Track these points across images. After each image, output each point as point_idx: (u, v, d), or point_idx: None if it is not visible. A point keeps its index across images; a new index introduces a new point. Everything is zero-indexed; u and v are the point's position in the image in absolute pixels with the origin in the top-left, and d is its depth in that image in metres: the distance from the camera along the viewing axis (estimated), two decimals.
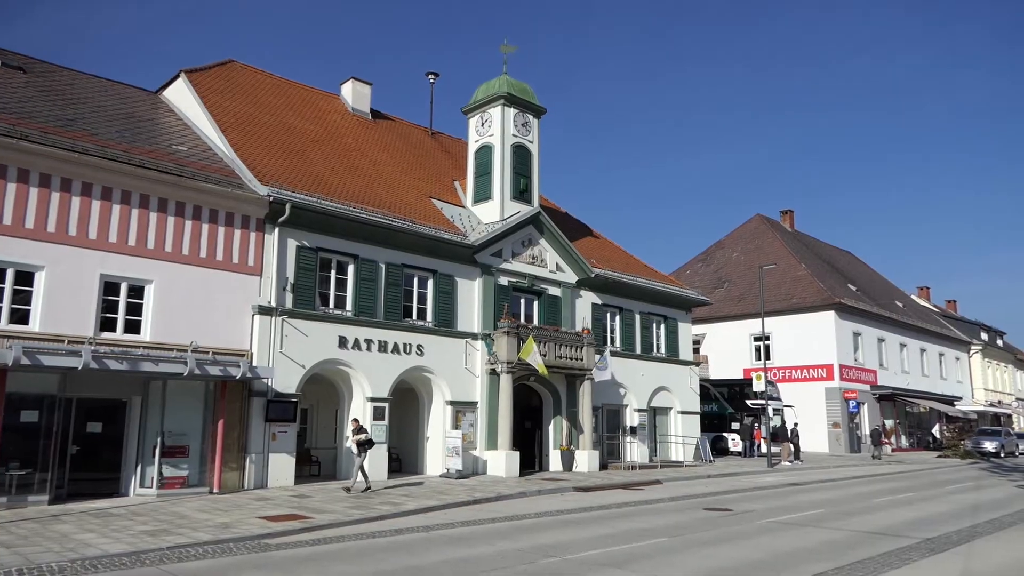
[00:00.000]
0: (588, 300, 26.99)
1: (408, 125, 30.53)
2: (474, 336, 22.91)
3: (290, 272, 18.80)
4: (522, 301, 24.84)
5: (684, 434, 30.05)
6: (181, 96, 22.23)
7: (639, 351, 28.93)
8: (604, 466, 25.43)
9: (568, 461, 24.12)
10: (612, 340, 27.99)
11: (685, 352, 31.34)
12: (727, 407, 36.64)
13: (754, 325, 40.76)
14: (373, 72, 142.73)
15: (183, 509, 13.91)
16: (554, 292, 25.60)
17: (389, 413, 20.54)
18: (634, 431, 27.81)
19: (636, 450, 27.51)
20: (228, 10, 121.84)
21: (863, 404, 43.02)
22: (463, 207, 25.40)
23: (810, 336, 42.40)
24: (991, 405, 61.00)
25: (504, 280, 24.05)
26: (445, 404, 21.93)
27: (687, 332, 31.87)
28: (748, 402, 35.46)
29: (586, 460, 24.19)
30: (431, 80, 31.55)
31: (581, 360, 24.27)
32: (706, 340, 45.77)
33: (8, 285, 14.59)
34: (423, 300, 22.11)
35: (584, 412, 24.52)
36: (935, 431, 50.86)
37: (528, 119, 25.72)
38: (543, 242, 25.50)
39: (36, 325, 14.75)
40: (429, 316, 22.08)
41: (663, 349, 30.22)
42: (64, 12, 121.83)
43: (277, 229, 18.64)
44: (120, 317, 15.98)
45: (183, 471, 16.50)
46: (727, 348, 45.16)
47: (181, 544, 10.48)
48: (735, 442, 35.69)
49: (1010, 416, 63.40)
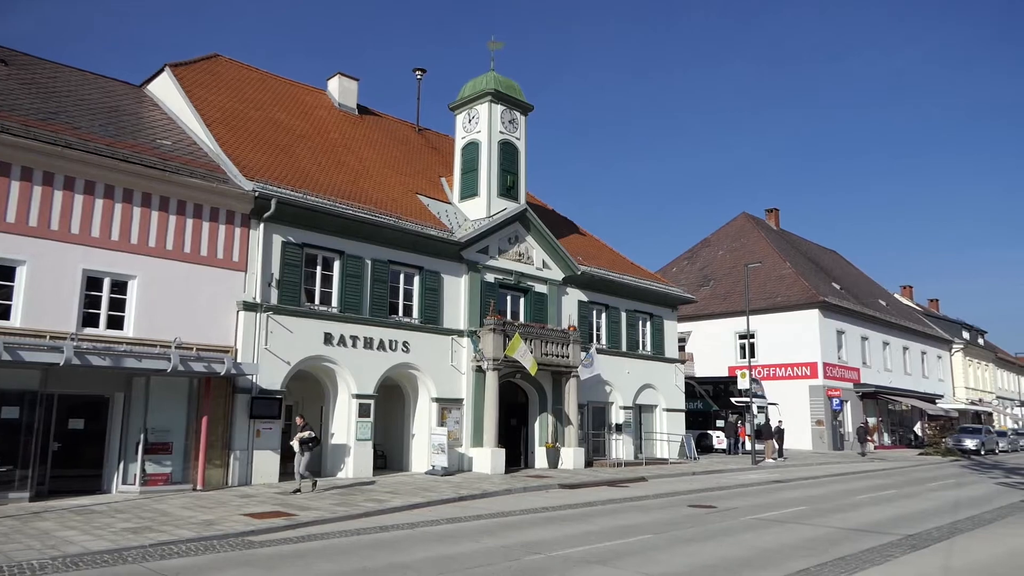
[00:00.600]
0: (574, 297, 27.03)
1: (395, 121, 30.44)
2: (460, 333, 22.88)
3: (275, 268, 18.70)
4: (508, 298, 24.84)
5: (669, 431, 30.17)
6: (166, 90, 22.04)
7: (625, 348, 29.01)
8: (589, 463, 25.49)
9: (554, 458, 24.16)
10: (598, 337, 28.05)
11: (671, 350, 31.46)
12: (712, 405, 36.82)
13: (739, 323, 40.96)
14: (360, 68, 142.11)
15: (166, 506, 13.82)
16: (540, 289, 25.61)
17: (375, 410, 20.49)
18: (619, 428, 27.90)
19: (621, 447, 27.60)
20: (213, 4, 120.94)
21: (846, 402, 43.35)
22: (450, 204, 25.36)
23: (794, 334, 42.67)
24: (972, 403, 61.68)
25: (490, 277, 24.03)
26: (431, 401, 21.90)
27: (673, 330, 31.99)
28: (733, 400, 35.65)
29: (571, 457, 24.24)
30: (418, 76, 31.47)
31: (567, 357, 24.31)
32: (692, 338, 45.96)
33: None
34: (409, 297, 22.06)
35: (570, 409, 24.56)
36: (917, 429, 51.36)
37: (515, 116, 25.70)
38: (530, 239, 25.51)
39: (17, 320, 14.59)
40: (415, 313, 22.03)
41: (649, 347, 30.32)
42: (48, 5, 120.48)
43: (262, 224, 18.53)
44: (103, 312, 15.83)
45: (166, 468, 16.39)
46: (712, 346, 45.37)
47: (164, 541, 10.41)
48: (720, 439, 35.87)
49: (990, 414, 64.12)
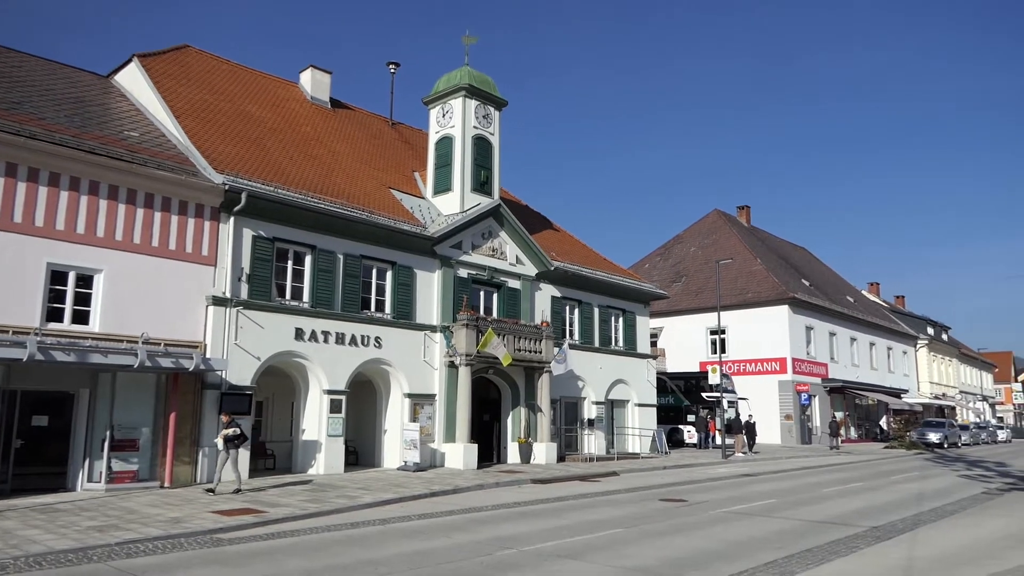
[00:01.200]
0: (547, 293, 27.08)
1: (368, 115, 30.23)
2: (433, 328, 22.82)
3: (246, 262, 18.49)
4: (481, 293, 24.82)
5: (641, 426, 30.39)
6: (133, 81, 21.65)
7: (597, 344, 29.14)
8: (562, 458, 25.59)
9: (526, 453, 24.22)
10: (571, 333, 28.15)
11: (643, 345, 31.66)
12: (683, 400, 37.15)
13: (710, 319, 41.36)
14: (333, 61, 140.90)
15: (133, 504, 13.62)
16: (514, 285, 25.62)
17: (346, 406, 20.37)
18: (592, 423, 28.03)
19: (594, 442, 27.75)
20: None
21: (814, 397, 43.98)
22: (423, 198, 25.25)
23: (765, 330, 43.18)
24: (936, 398, 62.94)
25: (464, 272, 23.99)
26: (403, 397, 21.82)
27: (645, 325, 32.19)
28: (703, 395, 36.02)
29: (544, 452, 24.31)
30: (392, 70, 31.26)
31: (540, 353, 24.36)
32: (664, 333, 46.30)
33: None
34: (382, 292, 21.94)
35: (542, 405, 24.63)
36: (883, 423, 52.28)
37: (489, 111, 25.64)
38: (503, 234, 25.49)
39: None
40: (388, 308, 21.92)
41: (621, 342, 30.49)
42: None
43: (232, 218, 18.30)
44: (68, 307, 15.53)
45: (133, 465, 16.14)
46: (684, 341, 45.75)
47: (130, 540, 10.26)
48: (691, 434, 36.19)
49: (953, 408, 65.49)
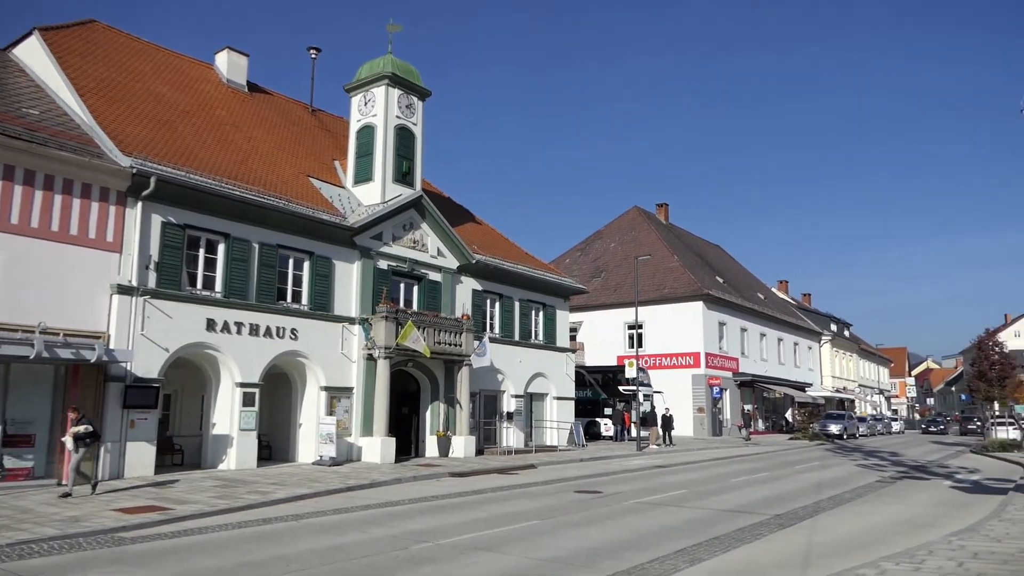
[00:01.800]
0: (469, 286, 27.05)
1: (287, 100, 29.45)
2: (351, 320, 22.47)
3: (154, 250, 17.74)
4: (402, 286, 24.58)
5: (559, 419, 30.77)
6: (34, 56, 20.39)
7: (518, 338, 29.32)
8: (480, 451, 25.66)
9: (444, 447, 24.17)
10: (492, 326, 28.21)
11: (562, 339, 32.04)
12: (600, 393, 37.80)
13: (628, 314, 42.15)
14: (251, 45, 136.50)
15: (27, 503, 12.90)
16: (435, 277, 25.48)
17: (260, 399, 19.85)
18: (511, 416, 28.21)
19: (512, 435, 27.93)
20: None
21: (725, 390, 45.50)
22: (343, 188, 24.79)
23: (680, 325, 44.34)
24: (837, 391, 66.14)
25: (384, 264, 23.71)
26: (319, 390, 21.41)
27: (565, 319, 32.57)
28: (620, 388, 36.73)
29: (462, 446, 24.31)
30: (313, 55, 30.49)
31: (460, 346, 24.32)
32: (583, 328, 46.96)
33: None
34: (299, 282, 21.46)
35: (462, 398, 24.61)
36: (788, 415, 54.56)
37: (412, 101, 25.37)
38: (425, 226, 25.30)
39: None
40: (305, 299, 21.46)
41: (541, 336, 30.76)
42: None
43: (140, 203, 17.51)
44: None
45: (28, 462, 15.29)
46: (603, 336, 46.52)
47: (23, 540, 9.72)
48: (607, 427, 36.89)
49: (853, 401, 68.94)
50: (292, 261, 21.29)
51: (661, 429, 33.99)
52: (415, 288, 25.08)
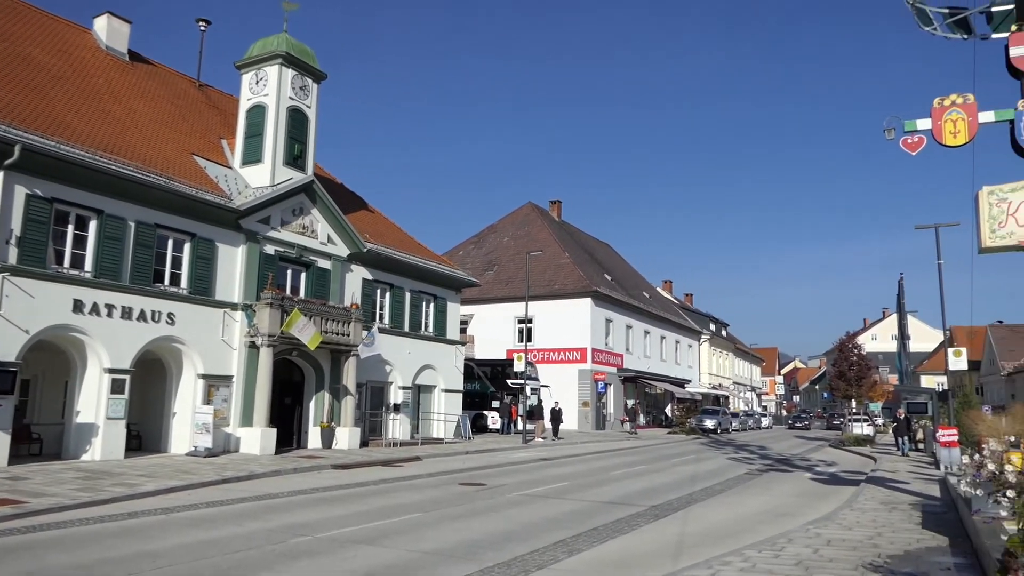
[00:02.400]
0: (359, 275, 26.58)
1: (172, 73, 27.92)
2: (234, 306, 21.63)
3: (16, 223, 16.43)
4: (289, 272, 23.87)
5: (447, 411, 30.76)
6: None
7: (407, 329, 29.08)
8: (365, 443, 25.32)
9: (328, 438, 23.68)
10: (381, 317, 27.86)
11: (452, 332, 32.02)
12: (489, 386, 38.08)
13: (519, 308, 42.59)
14: (134, 11, 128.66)
15: None
16: (324, 265, 24.88)
17: (131, 386, 18.79)
18: (397, 408, 27.96)
19: (399, 427, 27.69)
20: None
21: (610, 385, 46.86)
22: (230, 168, 23.78)
23: (568, 321, 45.27)
24: (713, 388, 69.43)
25: (271, 249, 22.94)
26: (197, 378, 20.49)
27: (456, 312, 32.57)
28: (509, 382, 37.13)
29: (347, 437, 23.90)
30: (202, 28, 29.03)
31: (348, 336, 23.89)
32: (473, 320, 47.15)
33: None
34: (178, 265, 20.44)
35: (348, 389, 24.19)
36: (668, 410, 56.79)
37: (307, 83, 24.63)
38: (315, 212, 24.64)
39: None
40: (184, 282, 20.47)
41: (431, 328, 30.63)
42: None
43: (2, 173, 16.17)
44: None
45: None
46: (493, 329, 46.87)
47: None
48: (494, 420, 37.20)
49: (727, 397, 72.55)
50: (172, 242, 20.25)
51: (550, 423, 34.64)
52: (303, 275, 24.41)
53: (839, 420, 59.68)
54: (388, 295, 28.31)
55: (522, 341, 39.43)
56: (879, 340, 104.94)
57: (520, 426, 33.16)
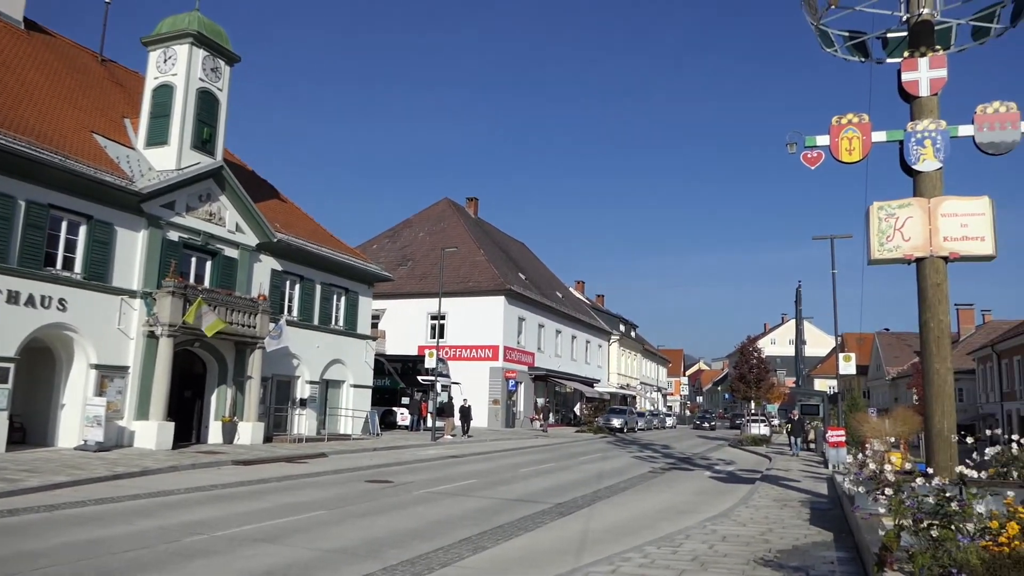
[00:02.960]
0: (268, 265, 25.84)
1: (72, 45, 26.39)
2: (133, 294, 20.67)
3: None
4: (193, 260, 22.98)
5: (355, 407, 30.30)
6: None
7: (317, 322, 28.48)
8: (269, 439, 24.67)
9: (230, 433, 22.94)
10: (290, 309, 27.18)
11: (363, 326, 31.56)
12: (399, 382, 37.74)
13: (432, 304, 42.36)
14: None
15: None
16: (231, 253, 24.07)
17: (14, 376, 17.68)
18: (304, 403, 27.36)
19: (304, 423, 27.10)
20: None
21: (521, 383, 47.22)
22: (133, 149, 22.68)
23: (481, 318, 45.31)
24: (621, 388, 70.97)
25: (174, 235, 22.03)
26: (89, 368, 19.48)
27: (367, 306, 32.11)
28: (419, 378, 36.89)
29: (250, 432, 23.22)
30: (106, 0, 27.57)
31: (254, 328, 23.20)
32: (386, 315, 46.59)
33: None
34: (72, 248, 19.36)
35: (252, 382, 23.51)
36: (577, 409, 57.71)
37: (219, 65, 23.77)
38: (224, 199, 23.80)
39: None
40: (78, 267, 19.41)
41: (342, 322, 30.11)
42: None
43: None
44: None
45: None
46: (405, 325, 46.43)
47: None
48: (404, 416, 36.92)
49: (634, 397, 74.33)
50: (66, 224, 19.17)
51: (460, 420, 34.60)
52: (208, 264, 23.54)
53: (740, 421, 62.08)
54: (298, 287, 27.65)
55: (434, 338, 39.30)
56: (778, 344, 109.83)
57: (430, 423, 33.02)
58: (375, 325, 40.50)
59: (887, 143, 13.02)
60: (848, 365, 27.78)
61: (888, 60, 13.85)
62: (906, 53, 13.16)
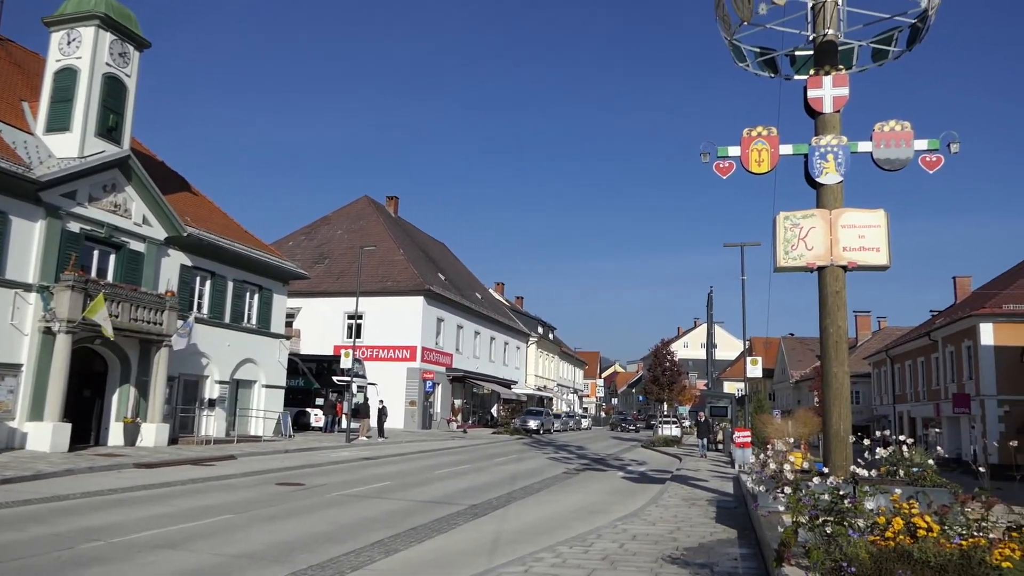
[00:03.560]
0: (177, 260, 24.90)
1: None
2: (28, 287, 19.55)
3: None
4: (96, 253, 21.92)
5: (267, 408, 29.51)
6: None
7: (228, 320, 27.61)
8: (174, 441, 23.74)
9: (132, 435, 21.97)
10: (200, 306, 26.27)
11: (277, 325, 30.79)
12: (313, 382, 36.98)
13: (349, 303, 41.69)
14: None
15: None
16: (137, 247, 23.07)
17: None
18: (213, 404, 26.47)
19: (213, 424, 26.21)
20: None
21: (438, 384, 47.01)
22: (31, 134, 21.45)
23: (399, 319, 44.86)
24: (538, 389, 71.59)
25: (75, 227, 20.95)
26: None
27: (282, 304, 31.34)
28: (335, 378, 36.24)
29: (154, 434, 22.29)
30: None
31: (161, 325, 22.30)
32: (301, 314, 45.56)
33: None
34: None
35: (157, 382, 22.59)
36: (494, 410, 57.90)
37: (128, 49, 22.75)
38: (130, 190, 22.79)
39: None
40: None
41: (255, 320, 29.28)
42: None
43: None
44: None
45: None
46: (321, 324, 45.51)
47: None
48: (318, 417, 36.20)
49: (551, 399, 75.12)
50: None
51: (375, 421, 34.16)
52: (112, 257, 22.50)
53: (654, 422, 63.66)
54: (209, 283, 26.74)
55: (351, 337, 38.66)
56: (690, 348, 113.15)
57: (344, 424, 32.48)
58: (289, 324, 39.54)
59: (793, 156, 13.60)
60: (755, 368, 28.88)
61: (796, 77, 14.48)
62: (812, 71, 13.79)
